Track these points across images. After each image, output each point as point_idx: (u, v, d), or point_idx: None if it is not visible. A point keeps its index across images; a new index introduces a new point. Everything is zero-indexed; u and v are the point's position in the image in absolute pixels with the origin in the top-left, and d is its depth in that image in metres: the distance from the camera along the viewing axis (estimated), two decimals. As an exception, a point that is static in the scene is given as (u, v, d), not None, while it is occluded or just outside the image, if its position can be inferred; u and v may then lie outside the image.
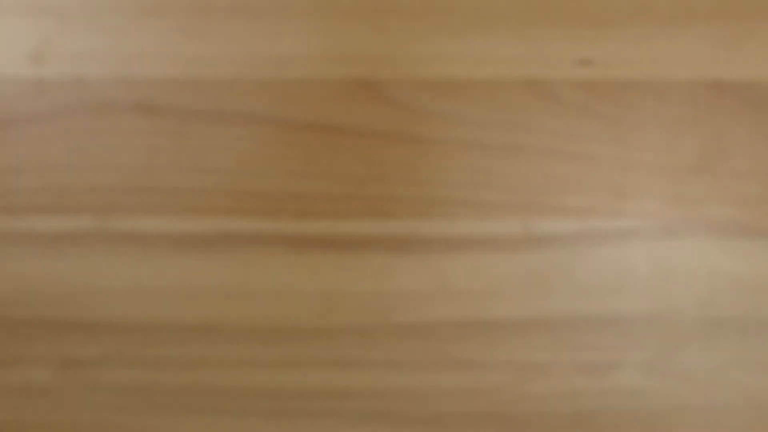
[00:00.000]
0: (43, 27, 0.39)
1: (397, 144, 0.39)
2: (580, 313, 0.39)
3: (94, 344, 0.39)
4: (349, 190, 0.39)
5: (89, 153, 0.39)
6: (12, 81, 0.39)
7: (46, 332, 0.40)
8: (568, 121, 0.39)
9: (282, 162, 0.40)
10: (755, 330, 0.39)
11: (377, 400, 0.40)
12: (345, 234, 0.39)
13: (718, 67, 0.38)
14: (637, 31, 0.38)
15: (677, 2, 0.38)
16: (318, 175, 0.39)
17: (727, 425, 0.39)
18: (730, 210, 0.39)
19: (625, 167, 0.39)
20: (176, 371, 0.40)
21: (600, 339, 0.39)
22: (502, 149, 0.39)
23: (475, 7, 0.39)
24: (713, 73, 0.39)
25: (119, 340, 0.39)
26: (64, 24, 0.39)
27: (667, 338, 0.39)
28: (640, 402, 0.39)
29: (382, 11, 0.39)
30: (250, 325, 0.40)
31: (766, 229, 0.39)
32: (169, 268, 0.39)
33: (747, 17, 0.38)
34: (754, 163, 0.39)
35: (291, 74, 0.39)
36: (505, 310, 0.39)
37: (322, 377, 0.40)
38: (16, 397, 0.40)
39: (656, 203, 0.39)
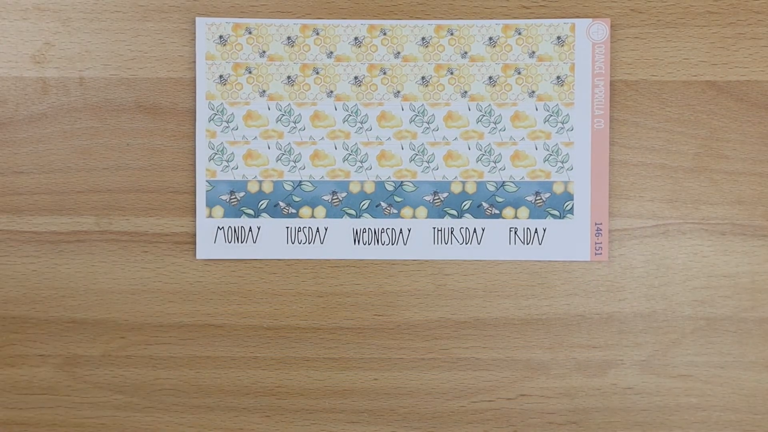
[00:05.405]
0: (46, 29, 0.39)
1: (396, 144, 0.39)
2: (577, 311, 0.39)
3: (95, 343, 0.39)
4: (349, 190, 0.39)
5: (90, 153, 0.39)
6: (14, 82, 0.39)
7: (47, 331, 0.39)
8: (566, 122, 0.39)
9: (282, 162, 0.39)
10: (751, 329, 0.39)
11: (377, 400, 0.40)
12: (345, 234, 0.39)
13: (714, 69, 0.39)
14: (635, 32, 0.39)
15: (674, 5, 0.39)
16: (318, 175, 0.39)
17: (723, 423, 0.39)
18: (726, 210, 0.39)
19: (623, 167, 0.39)
20: (176, 370, 0.40)
21: (597, 338, 0.39)
22: (501, 150, 0.39)
23: (474, 6, 0.39)
24: (709, 74, 0.39)
25: (120, 339, 0.39)
26: (66, 26, 0.39)
27: (664, 337, 0.39)
28: (636, 400, 0.39)
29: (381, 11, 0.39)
30: (250, 325, 0.40)
31: (762, 228, 0.39)
32: (169, 268, 0.39)
33: (742, 20, 0.38)
34: (750, 164, 0.39)
35: (291, 75, 0.39)
36: (504, 309, 0.39)
37: (322, 376, 0.40)
38: (18, 395, 0.40)
39: (653, 203, 0.39)
